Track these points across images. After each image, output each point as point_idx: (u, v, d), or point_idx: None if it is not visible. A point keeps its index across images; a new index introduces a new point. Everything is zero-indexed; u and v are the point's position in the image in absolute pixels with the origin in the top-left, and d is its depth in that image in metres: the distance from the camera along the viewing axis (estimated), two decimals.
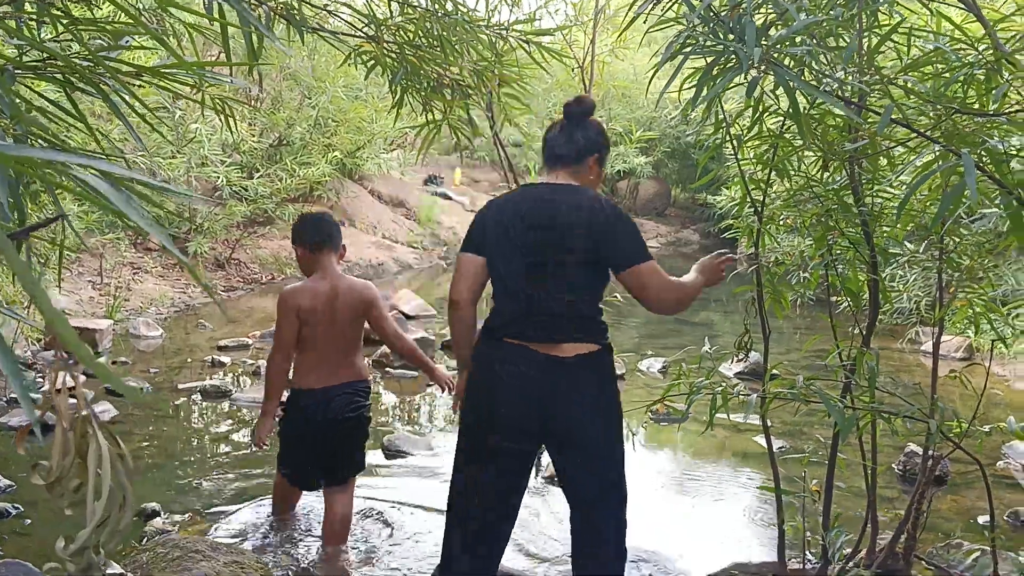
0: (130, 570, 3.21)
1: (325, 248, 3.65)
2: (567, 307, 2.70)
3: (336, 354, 3.66)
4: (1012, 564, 3.43)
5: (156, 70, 1.77)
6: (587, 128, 2.86)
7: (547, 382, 2.68)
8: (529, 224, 2.74)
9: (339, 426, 3.64)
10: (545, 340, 2.70)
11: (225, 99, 3.36)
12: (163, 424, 5.58)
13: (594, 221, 2.68)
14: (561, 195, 2.75)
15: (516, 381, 2.71)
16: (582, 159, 2.84)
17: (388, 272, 14.61)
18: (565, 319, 2.70)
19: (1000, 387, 7.02)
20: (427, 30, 3.42)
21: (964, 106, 2.12)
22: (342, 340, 3.68)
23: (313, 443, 3.64)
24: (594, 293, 2.76)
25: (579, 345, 2.70)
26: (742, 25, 1.86)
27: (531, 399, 2.69)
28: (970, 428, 2.90)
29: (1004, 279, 7.81)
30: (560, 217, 2.70)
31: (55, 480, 0.63)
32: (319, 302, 3.58)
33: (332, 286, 3.62)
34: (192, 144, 10.63)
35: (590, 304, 2.76)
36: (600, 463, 2.80)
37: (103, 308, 9.04)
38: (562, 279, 2.70)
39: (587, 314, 2.74)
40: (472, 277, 2.91)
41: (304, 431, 3.65)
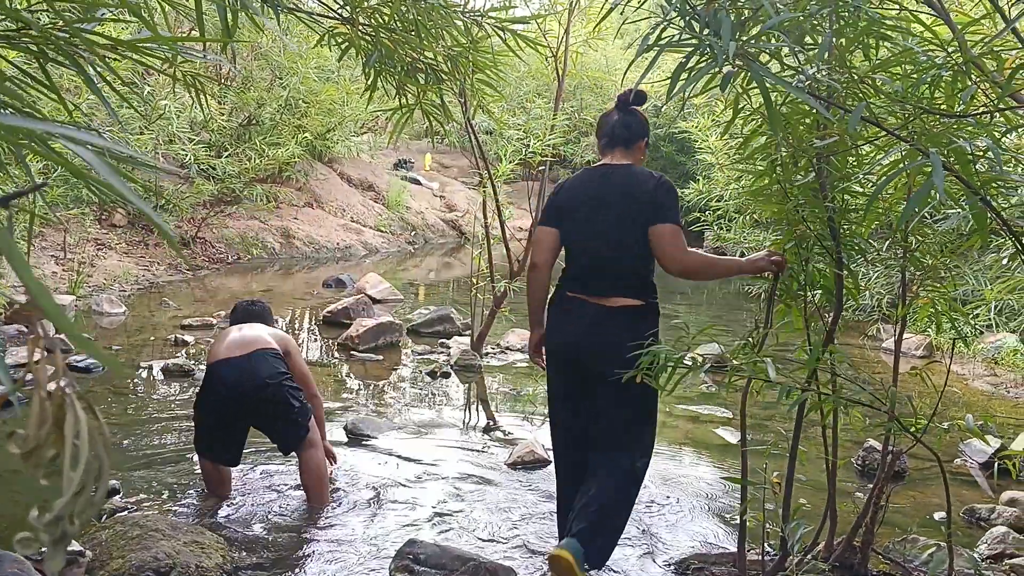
0: (89, 548, 3.18)
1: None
2: (619, 268, 3.22)
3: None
4: (967, 560, 3.50)
5: (132, 43, 1.75)
6: (637, 116, 3.38)
7: (593, 324, 3.21)
8: (592, 199, 3.30)
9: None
10: (598, 294, 3.24)
11: (197, 76, 3.33)
12: (124, 402, 5.52)
13: (642, 192, 3.19)
14: (617, 174, 3.29)
15: (570, 324, 3.29)
16: (634, 143, 3.35)
17: (355, 255, 14.55)
18: (616, 278, 3.22)
19: (958, 385, 7.14)
20: (402, 14, 3.40)
21: (932, 107, 2.15)
22: None
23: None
24: (643, 257, 3.21)
25: (626, 299, 3.20)
26: (717, 20, 1.87)
27: (580, 336, 3.23)
28: (929, 425, 2.95)
29: (965, 279, 7.95)
30: (615, 193, 3.25)
31: (31, 449, 0.63)
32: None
33: None
34: (160, 121, 10.50)
35: (639, 267, 3.23)
36: (627, 399, 3.14)
37: (66, 284, 8.92)
38: (616, 245, 3.21)
39: (635, 275, 3.23)
40: (548, 245, 3.43)
41: None
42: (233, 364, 3.89)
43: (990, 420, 5.74)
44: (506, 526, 3.96)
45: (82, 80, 1.71)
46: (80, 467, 0.59)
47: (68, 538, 0.63)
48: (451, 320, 8.53)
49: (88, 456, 0.61)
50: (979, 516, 4.28)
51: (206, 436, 4.02)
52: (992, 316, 8.23)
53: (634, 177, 3.24)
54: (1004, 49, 2.27)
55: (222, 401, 3.90)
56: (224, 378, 3.88)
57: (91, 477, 0.60)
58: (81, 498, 0.61)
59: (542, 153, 7.06)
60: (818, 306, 3.11)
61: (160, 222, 0.79)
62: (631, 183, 3.22)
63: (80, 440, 0.60)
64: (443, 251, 16.55)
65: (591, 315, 3.23)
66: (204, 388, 4.00)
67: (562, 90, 7.50)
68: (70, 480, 0.58)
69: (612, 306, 3.21)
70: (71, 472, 0.59)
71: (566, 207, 3.37)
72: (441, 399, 6.15)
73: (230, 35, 2.62)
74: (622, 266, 3.22)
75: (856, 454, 5.06)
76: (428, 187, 19.73)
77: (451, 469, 4.66)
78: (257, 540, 3.67)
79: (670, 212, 3.16)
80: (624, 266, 3.22)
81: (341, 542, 3.68)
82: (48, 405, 0.63)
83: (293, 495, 4.16)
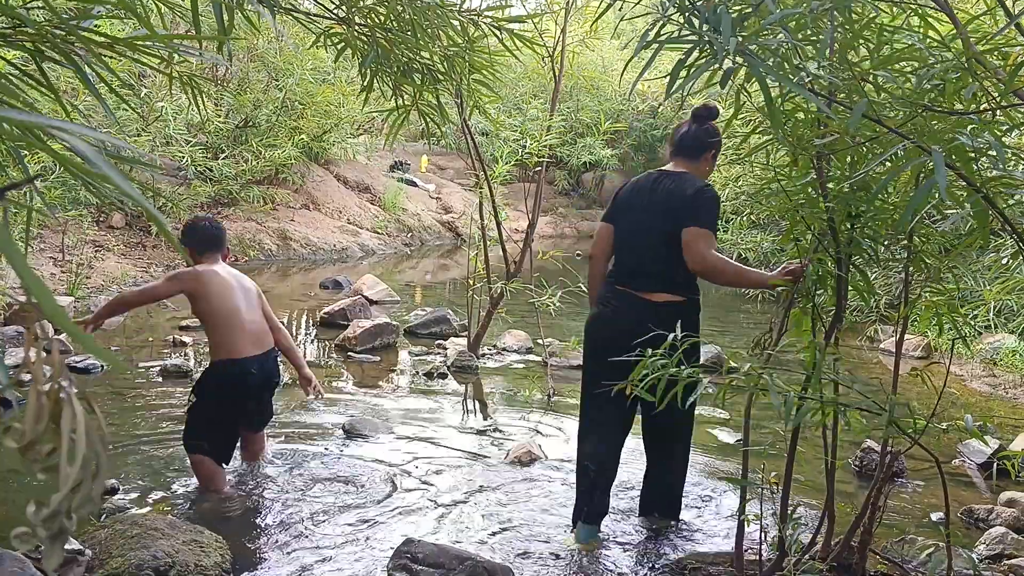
0: (88, 547, 3.17)
1: (209, 250, 4.20)
2: (663, 265, 3.45)
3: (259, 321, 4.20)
4: (965, 560, 3.49)
5: (129, 41, 1.73)
6: (708, 129, 3.62)
7: (638, 318, 3.37)
8: (641, 201, 3.64)
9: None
10: (644, 289, 3.55)
11: (193, 76, 3.31)
12: (122, 402, 5.51)
13: (682, 198, 3.47)
14: (669, 179, 3.60)
15: (618, 315, 3.58)
16: (700, 153, 3.63)
17: (352, 257, 14.54)
18: (660, 274, 3.49)
19: (957, 386, 7.14)
20: (399, 14, 3.39)
21: (935, 104, 2.14)
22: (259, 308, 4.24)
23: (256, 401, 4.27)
24: (680, 257, 3.42)
25: (669, 295, 3.50)
26: (717, 15, 1.86)
27: (624, 329, 3.40)
28: (928, 426, 2.94)
29: (964, 280, 7.95)
30: (661, 197, 3.56)
31: (28, 444, 0.62)
32: (222, 277, 4.12)
33: (228, 271, 4.21)
34: (157, 123, 10.48)
35: (677, 265, 3.45)
36: None
37: (64, 285, 8.90)
38: (658, 244, 3.48)
39: (675, 271, 3.46)
40: (605, 240, 3.81)
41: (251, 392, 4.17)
42: (258, 363, 4.09)
43: (988, 421, 5.75)
44: (503, 525, 3.94)
45: (79, 80, 1.70)
46: (77, 462, 0.58)
47: (66, 534, 0.62)
48: (448, 321, 8.52)
49: (85, 452, 0.60)
50: (978, 517, 4.27)
51: (217, 433, 4.08)
52: (991, 317, 8.23)
53: (681, 184, 3.53)
54: (1007, 45, 2.26)
55: (243, 399, 4.11)
56: (254, 377, 4.08)
57: (88, 473, 0.59)
58: (79, 494, 0.59)
59: (538, 154, 7.05)
60: (822, 307, 3.09)
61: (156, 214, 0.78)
62: (675, 189, 3.52)
63: (77, 435, 0.59)
64: (440, 252, 16.53)
65: (636, 308, 3.54)
66: (227, 384, 4.07)
67: (558, 91, 7.49)
68: (67, 475, 0.57)
69: (655, 300, 3.53)
70: (68, 467, 0.58)
71: (621, 207, 3.75)
72: (438, 400, 6.14)
73: (226, 34, 2.60)
74: (661, 263, 3.48)
75: (853, 455, 5.05)
76: (424, 189, 19.71)
77: (448, 469, 4.65)
78: (255, 539, 3.66)
79: (703, 217, 3.42)
80: (662, 263, 3.48)
81: (339, 541, 3.67)
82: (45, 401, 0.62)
83: (291, 494, 4.15)
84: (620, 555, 3.70)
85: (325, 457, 4.71)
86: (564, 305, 6.93)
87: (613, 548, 3.76)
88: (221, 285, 4.06)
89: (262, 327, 4.18)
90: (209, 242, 4.20)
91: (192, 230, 4.25)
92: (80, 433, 0.59)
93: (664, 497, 3.95)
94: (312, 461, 4.64)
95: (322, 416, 5.49)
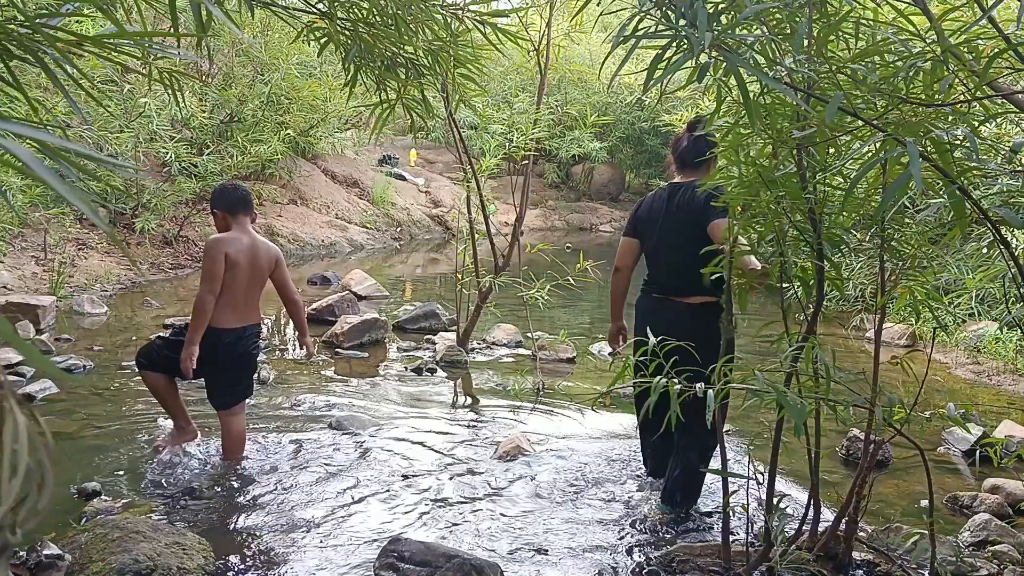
0: (68, 551, 3.15)
1: (241, 212, 4.37)
2: (693, 271, 3.49)
3: (250, 299, 4.40)
4: (950, 548, 3.51)
5: (98, 39, 1.72)
6: (704, 139, 3.77)
7: (678, 321, 3.75)
8: (660, 214, 3.99)
9: (249, 359, 4.46)
10: (677, 294, 3.91)
11: (173, 72, 3.29)
12: (106, 402, 5.48)
13: (695, 204, 3.78)
14: (682, 192, 3.93)
15: (659, 320, 3.75)
16: (704, 163, 3.87)
17: (341, 252, 14.51)
18: (693, 279, 3.57)
19: (941, 374, 7.17)
20: (381, 8, 3.38)
21: (910, 96, 2.14)
22: (256, 288, 4.42)
23: (221, 372, 4.36)
24: (705, 257, 3.46)
25: (702, 297, 3.77)
26: (694, 10, 1.86)
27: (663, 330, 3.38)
28: (911, 414, 2.96)
29: (947, 268, 7.98)
30: (676, 208, 3.92)
31: None
32: (242, 252, 4.27)
33: (251, 241, 4.36)
34: (140, 119, 10.41)
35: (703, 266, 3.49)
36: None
37: (47, 284, 8.86)
38: (686, 252, 3.66)
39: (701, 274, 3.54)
40: (629, 253, 4.21)
41: (218, 362, 4.31)
42: (234, 335, 4.34)
43: (972, 408, 5.78)
44: (492, 522, 3.95)
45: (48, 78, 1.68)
46: (20, 475, 0.58)
47: (10, 548, 0.62)
48: (437, 316, 8.51)
49: (29, 463, 0.59)
50: (962, 504, 4.30)
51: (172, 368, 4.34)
52: (974, 304, 8.26)
53: (692, 193, 3.81)
54: (981, 38, 2.26)
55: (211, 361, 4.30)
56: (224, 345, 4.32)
57: (34, 485, 0.59)
58: (24, 507, 0.59)
59: (526, 148, 7.04)
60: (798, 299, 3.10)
61: (92, 213, 0.77)
62: (691, 198, 3.84)
63: (20, 446, 0.58)
64: (429, 247, 16.51)
65: (675, 311, 3.88)
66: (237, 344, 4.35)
67: (544, 84, 7.48)
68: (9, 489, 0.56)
69: (692, 303, 3.86)
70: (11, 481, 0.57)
71: (641, 221, 4.13)
72: (427, 395, 6.13)
73: (204, 30, 2.58)
74: (692, 270, 3.54)
75: (840, 443, 5.08)
76: (413, 183, 19.68)
77: (437, 465, 4.65)
78: (240, 540, 3.65)
79: (720, 213, 3.57)
80: (693, 269, 3.53)
81: (325, 540, 3.66)
82: None
83: (276, 493, 4.14)
84: (609, 548, 3.71)
85: (311, 454, 4.71)
86: (553, 298, 6.93)
87: (601, 542, 3.77)
88: (238, 257, 4.26)
89: (249, 303, 4.39)
90: (237, 204, 4.38)
91: (221, 194, 4.45)
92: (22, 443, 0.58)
93: (674, 486, 4.10)
94: (298, 458, 4.64)
95: (309, 413, 5.48)
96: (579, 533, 3.85)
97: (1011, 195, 3.14)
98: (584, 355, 7.48)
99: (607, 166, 22.28)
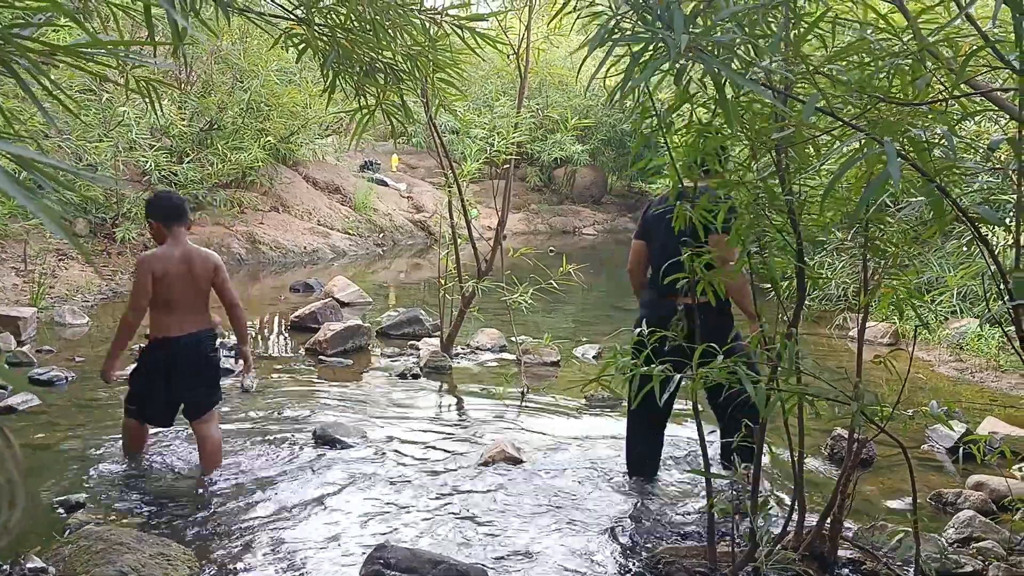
0: (52, 564, 3.12)
1: (175, 221, 4.38)
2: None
3: (197, 307, 4.43)
4: (934, 545, 3.53)
5: (71, 49, 1.70)
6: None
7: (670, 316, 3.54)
8: (666, 219, 3.82)
9: (209, 362, 4.49)
10: (673, 293, 3.95)
11: (151, 81, 3.27)
12: (88, 414, 5.43)
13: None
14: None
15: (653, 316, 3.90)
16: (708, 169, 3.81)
17: (323, 259, 14.46)
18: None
19: (924, 372, 7.21)
20: (359, 13, 3.37)
21: (888, 95, 2.15)
22: (199, 296, 4.44)
23: (186, 378, 4.39)
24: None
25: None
26: (670, 12, 1.86)
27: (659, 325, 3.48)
28: (894, 412, 2.97)
29: (929, 267, 8.03)
30: None
31: None
32: (173, 265, 4.30)
33: (184, 251, 4.37)
34: (120, 128, 10.35)
35: None
36: None
37: (27, 295, 8.78)
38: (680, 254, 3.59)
39: None
40: (639, 254, 4.56)
41: (179, 367, 4.37)
42: (180, 343, 4.38)
43: (955, 406, 5.81)
44: (478, 527, 3.93)
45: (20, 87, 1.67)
46: None
47: None
48: (420, 322, 8.49)
49: None
50: (946, 501, 4.32)
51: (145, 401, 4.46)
52: (956, 302, 8.31)
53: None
54: (959, 36, 2.27)
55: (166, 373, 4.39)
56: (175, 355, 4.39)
57: (4, 502, 0.57)
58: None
59: (507, 151, 7.03)
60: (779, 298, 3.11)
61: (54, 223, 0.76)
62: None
63: None
64: (412, 252, 16.48)
65: (667, 309, 3.91)
66: (153, 358, 4.41)
67: (525, 87, 7.48)
68: None
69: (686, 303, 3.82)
70: None
71: (648, 223, 4.45)
72: (411, 401, 6.11)
73: (180, 39, 2.57)
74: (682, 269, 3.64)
75: (824, 442, 5.09)
76: (395, 188, 19.64)
77: (422, 471, 4.63)
78: (225, 550, 3.62)
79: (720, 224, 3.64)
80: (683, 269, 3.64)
81: (310, 549, 3.64)
82: None
83: (261, 502, 4.12)
84: (594, 552, 3.70)
85: (296, 463, 4.68)
86: (536, 302, 6.92)
87: (587, 545, 3.76)
88: (167, 270, 4.29)
89: (196, 310, 4.43)
90: (171, 213, 4.38)
91: (156, 203, 4.46)
92: None
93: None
94: (282, 467, 4.61)
95: (293, 421, 5.45)
96: (565, 537, 3.84)
97: (991, 193, 3.16)
98: (568, 358, 7.48)
99: (589, 169, 22.32)
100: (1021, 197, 2.51)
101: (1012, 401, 6.38)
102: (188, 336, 4.37)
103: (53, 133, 9.03)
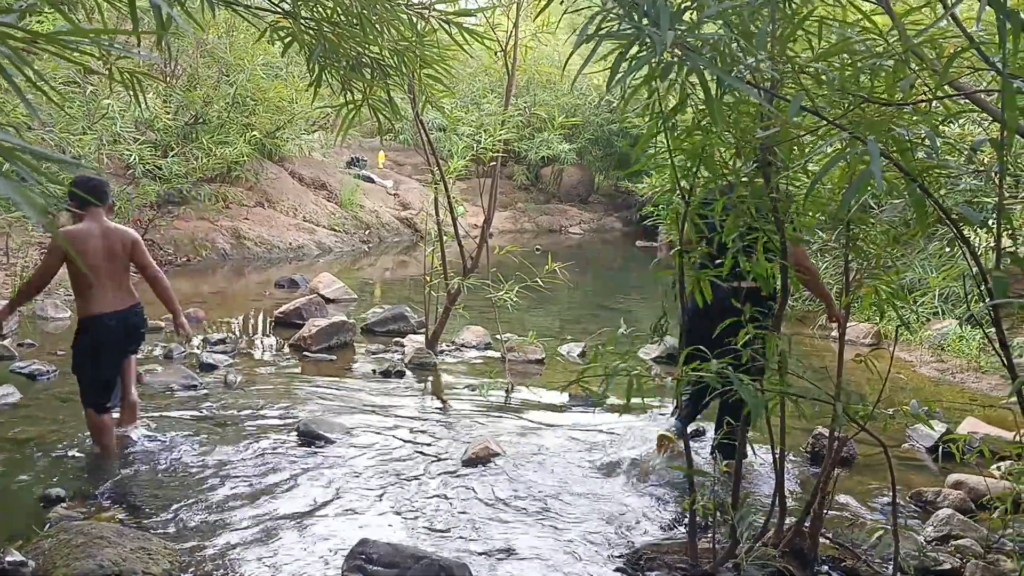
0: (32, 557, 3.11)
1: (93, 203, 4.44)
2: None
3: (121, 284, 4.57)
4: (913, 543, 3.55)
5: (53, 37, 1.69)
6: None
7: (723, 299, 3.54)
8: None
9: (137, 334, 4.69)
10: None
11: (136, 73, 3.25)
12: (70, 408, 5.39)
13: None
14: None
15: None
16: None
17: (308, 255, 14.41)
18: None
19: (905, 372, 7.26)
20: (346, 7, 3.35)
21: (872, 95, 2.16)
22: (122, 272, 4.58)
23: (98, 360, 4.53)
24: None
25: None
26: (656, 9, 1.86)
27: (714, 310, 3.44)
28: (875, 411, 2.99)
29: (911, 268, 8.07)
30: None
31: None
32: (89, 243, 4.40)
33: (102, 229, 4.47)
34: (104, 121, 10.28)
35: None
36: None
37: (9, 288, 8.71)
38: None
39: None
40: None
41: (111, 342, 4.53)
42: (117, 317, 4.52)
43: (935, 406, 5.85)
44: (461, 523, 3.94)
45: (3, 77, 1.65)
46: None
47: None
48: (405, 318, 8.48)
49: None
50: (926, 499, 4.35)
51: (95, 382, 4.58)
52: (937, 303, 8.36)
53: None
54: (944, 37, 2.29)
55: (108, 348, 4.55)
56: (114, 328, 4.52)
57: None
58: None
59: (494, 149, 7.03)
60: None
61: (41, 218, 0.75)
62: None
63: None
64: (398, 249, 16.44)
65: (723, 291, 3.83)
66: (92, 337, 4.50)
67: (512, 85, 7.47)
68: None
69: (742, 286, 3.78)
70: None
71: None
72: (395, 398, 6.10)
73: (165, 29, 2.55)
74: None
75: (805, 441, 5.11)
76: (382, 185, 19.58)
77: (405, 467, 4.63)
78: (206, 544, 3.61)
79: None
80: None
81: (293, 543, 3.63)
82: None
83: (243, 497, 4.10)
84: (577, 547, 3.71)
85: (278, 458, 4.67)
86: (522, 300, 6.92)
87: (569, 541, 3.77)
88: (87, 247, 4.39)
89: (121, 287, 4.57)
90: (91, 195, 4.43)
91: (76, 185, 4.50)
92: None
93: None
94: (265, 462, 4.60)
95: (277, 416, 5.43)
96: (547, 533, 3.85)
97: (974, 194, 3.17)
98: (553, 356, 7.48)
99: (576, 168, 22.31)
100: (1002, 199, 2.53)
101: (992, 401, 6.43)
102: (113, 314, 4.50)
103: (36, 125, 8.95)
